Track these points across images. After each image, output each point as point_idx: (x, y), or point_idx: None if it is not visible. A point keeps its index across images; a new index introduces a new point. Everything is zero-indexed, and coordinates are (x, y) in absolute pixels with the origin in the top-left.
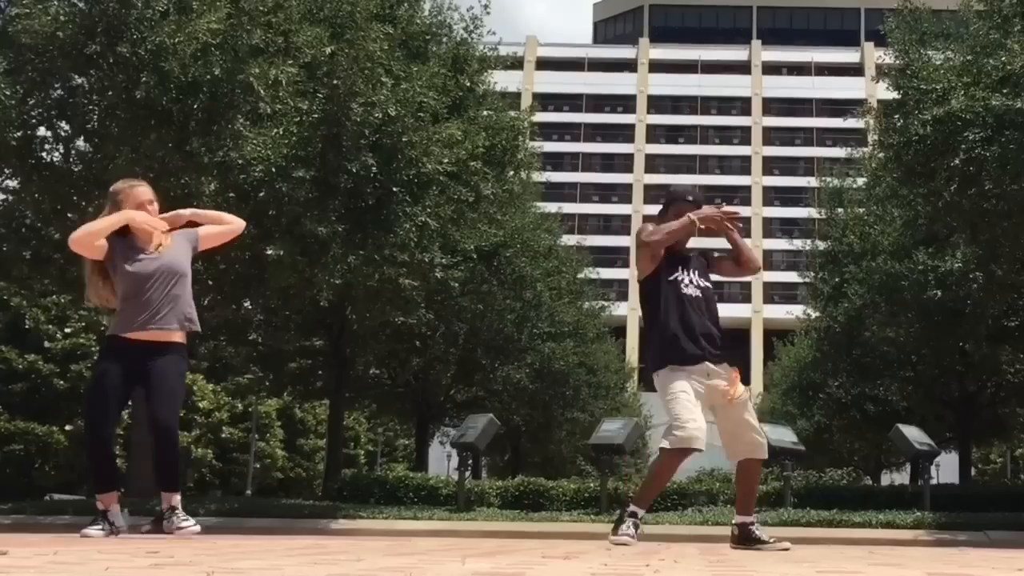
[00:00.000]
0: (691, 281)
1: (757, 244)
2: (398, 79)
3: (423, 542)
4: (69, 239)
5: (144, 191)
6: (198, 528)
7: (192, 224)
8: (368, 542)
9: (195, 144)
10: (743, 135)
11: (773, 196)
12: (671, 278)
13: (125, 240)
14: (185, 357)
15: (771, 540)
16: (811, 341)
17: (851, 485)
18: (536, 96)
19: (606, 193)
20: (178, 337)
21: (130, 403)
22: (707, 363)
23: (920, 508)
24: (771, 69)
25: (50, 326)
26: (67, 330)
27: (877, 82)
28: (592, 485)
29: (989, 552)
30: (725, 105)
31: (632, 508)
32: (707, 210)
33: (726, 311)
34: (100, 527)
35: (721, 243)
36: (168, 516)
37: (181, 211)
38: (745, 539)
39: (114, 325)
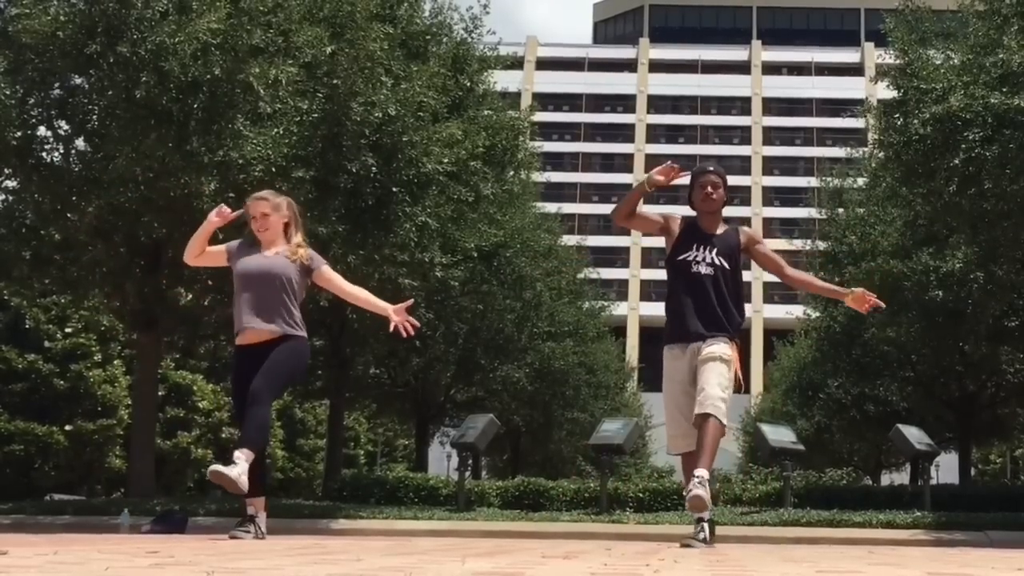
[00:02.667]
0: (703, 259)
1: None
2: (398, 79)
3: (423, 542)
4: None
5: (254, 205)
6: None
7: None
8: (368, 542)
9: (195, 144)
10: (743, 135)
11: (773, 196)
12: (680, 258)
13: (245, 242)
14: (298, 340)
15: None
16: (811, 341)
17: (851, 485)
18: (536, 96)
19: (606, 193)
20: (275, 332)
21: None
22: (698, 343)
23: (920, 508)
24: (771, 69)
25: (50, 326)
26: (67, 330)
27: (876, 82)
28: (592, 485)
29: (989, 552)
30: (725, 105)
31: (698, 515)
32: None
33: None
34: (247, 529)
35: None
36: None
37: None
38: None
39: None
